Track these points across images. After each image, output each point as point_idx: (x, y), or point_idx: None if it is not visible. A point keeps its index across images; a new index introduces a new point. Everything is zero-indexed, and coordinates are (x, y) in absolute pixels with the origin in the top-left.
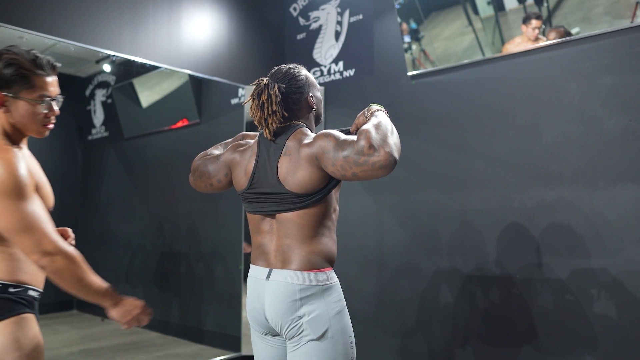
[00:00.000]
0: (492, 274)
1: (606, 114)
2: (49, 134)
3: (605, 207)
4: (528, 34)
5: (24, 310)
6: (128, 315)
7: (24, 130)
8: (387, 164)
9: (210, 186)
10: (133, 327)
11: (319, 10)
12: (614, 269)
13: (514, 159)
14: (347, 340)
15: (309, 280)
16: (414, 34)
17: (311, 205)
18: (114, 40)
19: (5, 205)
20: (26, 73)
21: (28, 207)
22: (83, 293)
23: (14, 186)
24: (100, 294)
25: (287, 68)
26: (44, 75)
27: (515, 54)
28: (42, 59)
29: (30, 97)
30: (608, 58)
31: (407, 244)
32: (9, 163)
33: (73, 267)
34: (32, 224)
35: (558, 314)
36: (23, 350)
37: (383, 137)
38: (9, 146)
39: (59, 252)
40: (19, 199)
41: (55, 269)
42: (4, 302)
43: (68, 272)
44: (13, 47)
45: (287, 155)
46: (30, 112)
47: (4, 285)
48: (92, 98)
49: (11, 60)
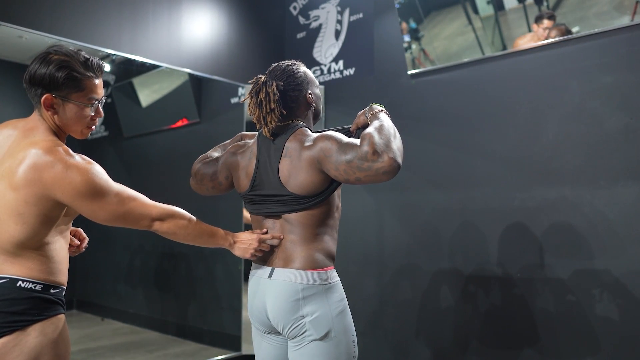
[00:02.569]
0: (493, 273)
1: (607, 112)
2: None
3: (606, 205)
4: (539, 34)
5: (61, 310)
6: (247, 251)
7: (68, 130)
8: (391, 170)
9: (212, 189)
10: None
11: (319, 9)
12: (615, 269)
13: (515, 158)
14: (350, 340)
15: (311, 280)
16: (413, 33)
17: (314, 207)
18: (114, 39)
19: (96, 201)
20: (78, 76)
21: (115, 192)
22: (200, 242)
23: (94, 183)
24: (216, 238)
25: (286, 65)
26: (94, 78)
27: (517, 52)
28: (92, 61)
29: (80, 100)
30: (609, 56)
31: (407, 243)
32: (80, 167)
33: (183, 224)
34: (128, 205)
35: (559, 314)
36: (58, 350)
37: (386, 142)
38: (67, 149)
39: (165, 216)
40: (104, 190)
41: (167, 230)
42: (46, 303)
43: (180, 230)
44: (61, 47)
45: (287, 157)
46: (79, 115)
47: (46, 285)
48: None
49: (63, 63)
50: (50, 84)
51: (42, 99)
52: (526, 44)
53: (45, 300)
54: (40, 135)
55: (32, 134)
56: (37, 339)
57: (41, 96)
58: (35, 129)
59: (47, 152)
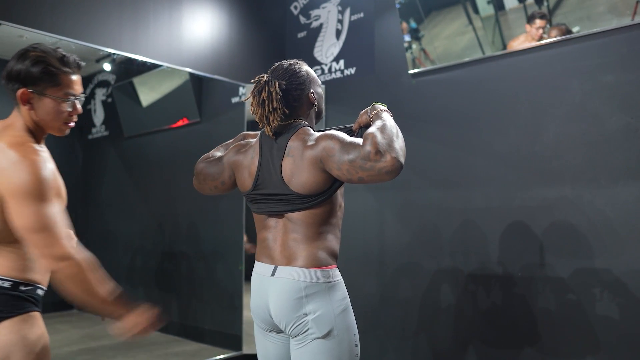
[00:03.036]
0: (494, 272)
1: (608, 111)
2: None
3: (606, 205)
4: (532, 34)
5: (32, 308)
6: (135, 328)
7: (46, 127)
8: (394, 170)
9: (215, 189)
10: (139, 337)
11: (319, 9)
12: (615, 268)
13: (516, 157)
14: (352, 339)
15: (314, 278)
16: (414, 33)
17: (316, 206)
18: (114, 39)
19: (25, 206)
20: (54, 71)
21: (47, 211)
22: (88, 302)
23: (37, 188)
24: (106, 304)
25: (288, 64)
26: (70, 73)
27: (517, 52)
28: (69, 57)
29: (56, 94)
30: (609, 56)
31: (408, 242)
32: (34, 164)
33: (81, 275)
34: (47, 227)
35: (560, 314)
36: (31, 348)
37: (389, 142)
38: (35, 145)
39: (68, 258)
40: (39, 201)
41: (63, 274)
42: (15, 300)
43: (76, 279)
44: (39, 44)
45: (290, 156)
46: (55, 110)
47: (15, 283)
48: (93, 97)
49: (39, 58)
50: (26, 79)
51: (18, 94)
52: (520, 45)
53: (14, 297)
54: (12, 131)
55: (6, 132)
56: (7, 337)
57: (17, 91)
58: (11, 126)
59: (11, 146)
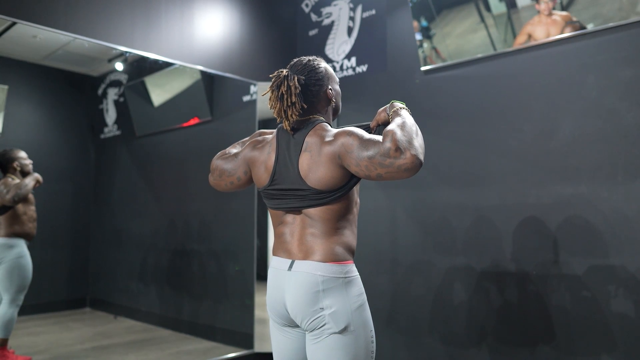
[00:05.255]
0: (508, 270)
1: (625, 107)
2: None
3: (624, 202)
4: (542, 9)
5: None
6: None
7: None
8: (413, 167)
9: (231, 184)
10: None
11: (331, 6)
12: (632, 266)
13: (530, 154)
14: (368, 335)
15: (331, 272)
16: (425, 31)
17: (333, 202)
18: (127, 37)
19: None
20: None
21: None
22: None
23: None
24: None
25: (307, 60)
26: None
27: (531, 47)
28: None
29: None
30: (626, 50)
31: (421, 240)
32: None
33: None
34: None
35: (575, 312)
36: None
37: (409, 139)
38: None
39: None
40: None
41: None
42: None
43: None
44: None
45: (307, 151)
46: None
47: None
48: (105, 97)
49: None
50: None
51: None
52: (534, 27)
53: None
54: None
55: None
56: None
57: None
58: None
59: None
